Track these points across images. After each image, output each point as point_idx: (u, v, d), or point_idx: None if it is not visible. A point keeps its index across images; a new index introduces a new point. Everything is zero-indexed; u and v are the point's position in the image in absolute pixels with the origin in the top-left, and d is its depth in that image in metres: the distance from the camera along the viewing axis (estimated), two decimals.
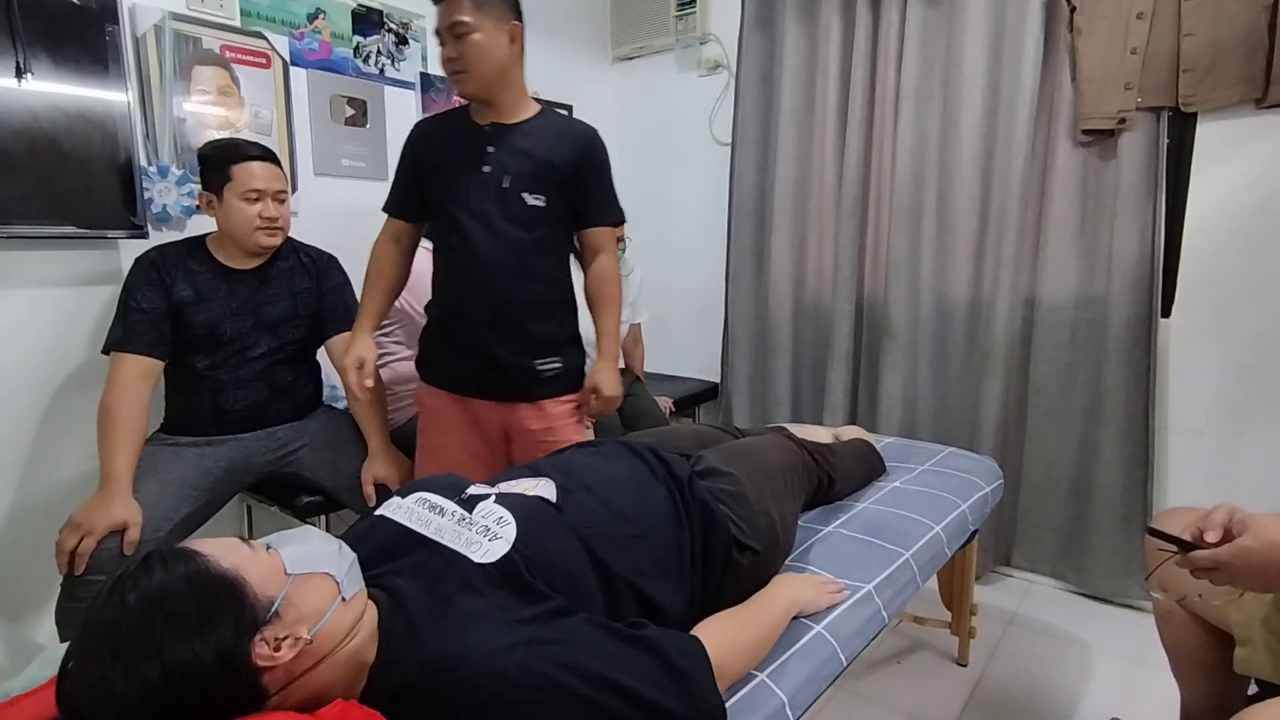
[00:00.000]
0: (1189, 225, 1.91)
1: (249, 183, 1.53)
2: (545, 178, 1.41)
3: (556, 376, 1.49)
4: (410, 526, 0.85)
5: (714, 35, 2.78)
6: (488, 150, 1.42)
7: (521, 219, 1.41)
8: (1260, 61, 1.71)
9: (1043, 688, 1.69)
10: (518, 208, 1.40)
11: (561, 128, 1.48)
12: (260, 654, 0.63)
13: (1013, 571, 2.25)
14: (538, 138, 1.42)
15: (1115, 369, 1.97)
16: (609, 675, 0.70)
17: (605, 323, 1.51)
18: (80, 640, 0.61)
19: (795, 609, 1.03)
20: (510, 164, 1.40)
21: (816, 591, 1.08)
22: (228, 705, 0.62)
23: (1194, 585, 0.95)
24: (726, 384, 2.77)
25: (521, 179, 1.40)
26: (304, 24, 2.07)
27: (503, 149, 1.41)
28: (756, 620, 0.96)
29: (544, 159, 1.40)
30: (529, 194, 1.40)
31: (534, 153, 1.41)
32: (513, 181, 1.40)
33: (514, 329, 1.45)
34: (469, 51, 1.33)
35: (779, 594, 1.04)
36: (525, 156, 1.41)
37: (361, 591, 0.74)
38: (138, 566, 0.64)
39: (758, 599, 1.02)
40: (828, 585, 1.10)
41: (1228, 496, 0.93)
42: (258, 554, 0.69)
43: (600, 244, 1.51)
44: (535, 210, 1.41)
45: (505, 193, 1.40)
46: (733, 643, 0.88)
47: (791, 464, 1.34)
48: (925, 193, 2.22)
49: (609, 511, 0.96)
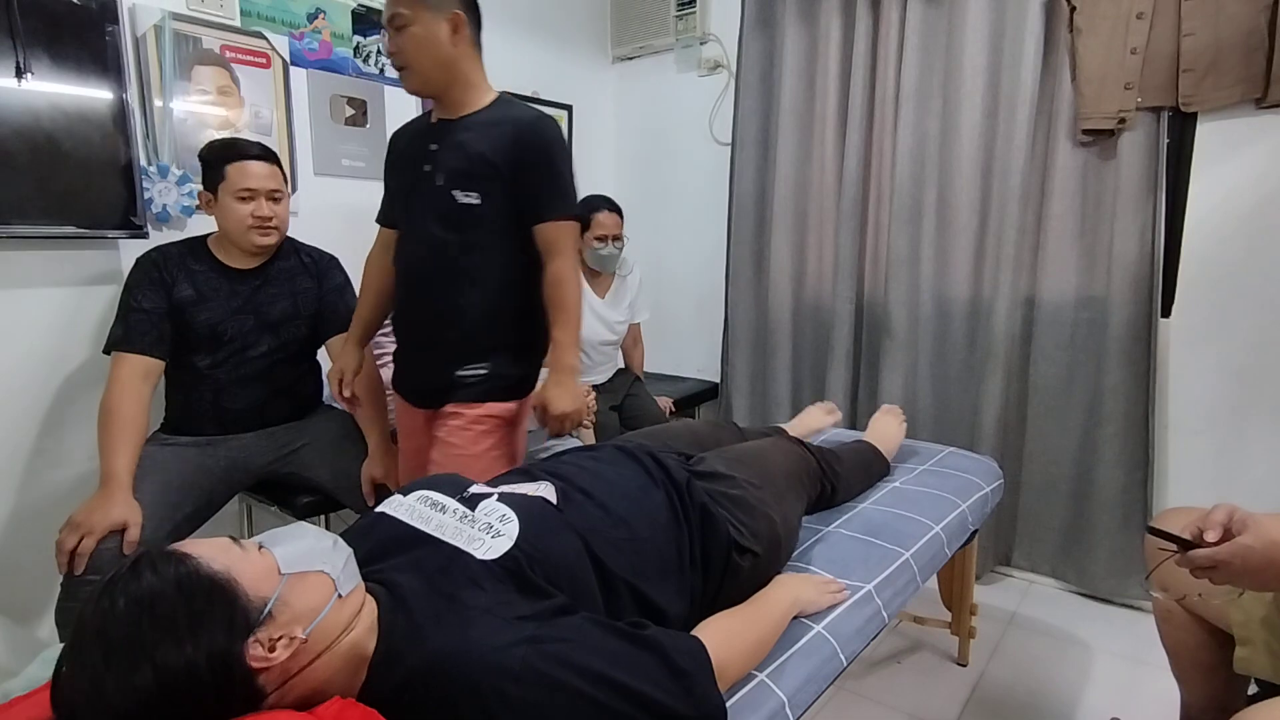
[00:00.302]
0: (1189, 225, 1.91)
1: (242, 182, 1.52)
2: (478, 174, 1.31)
3: (475, 383, 1.38)
4: (411, 523, 0.85)
5: (714, 35, 2.78)
6: (430, 149, 1.35)
7: (451, 219, 1.33)
8: (1260, 61, 1.71)
9: (1043, 688, 1.69)
10: (448, 207, 1.32)
11: (500, 117, 1.35)
12: (254, 655, 0.62)
13: (1013, 571, 2.25)
14: (477, 131, 1.33)
15: (1115, 369, 1.97)
16: (610, 674, 0.70)
17: (558, 333, 1.36)
18: (72, 645, 0.61)
19: (796, 609, 1.03)
20: (446, 161, 1.33)
21: (817, 591, 1.08)
22: (224, 707, 0.61)
23: (1194, 585, 0.95)
24: (726, 384, 2.77)
25: (454, 176, 1.32)
26: (304, 24, 2.07)
27: (444, 146, 1.34)
28: (757, 621, 0.97)
29: (478, 153, 1.31)
30: (460, 191, 1.31)
31: (470, 147, 1.32)
32: (445, 179, 1.33)
33: (435, 335, 1.39)
34: (406, 45, 1.26)
35: (780, 595, 1.04)
36: (460, 151, 1.32)
37: (359, 586, 0.74)
38: (127, 570, 0.63)
39: (758, 599, 1.02)
40: (828, 585, 1.10)
41: (1228, 496, 0.93)
42: (250, 554, 0.68)
43: (551, 243, 1.35)
44: (467, 209, 1.32)
45: (438, 191, 1.33)
46: (733, 643, 0.89)
47: (795, 468, 1.34)
48: (925, 193, 2.22)
49: (608, 516, 0.96)
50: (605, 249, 2.28)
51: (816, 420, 1.87)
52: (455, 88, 1.34)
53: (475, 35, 1.35)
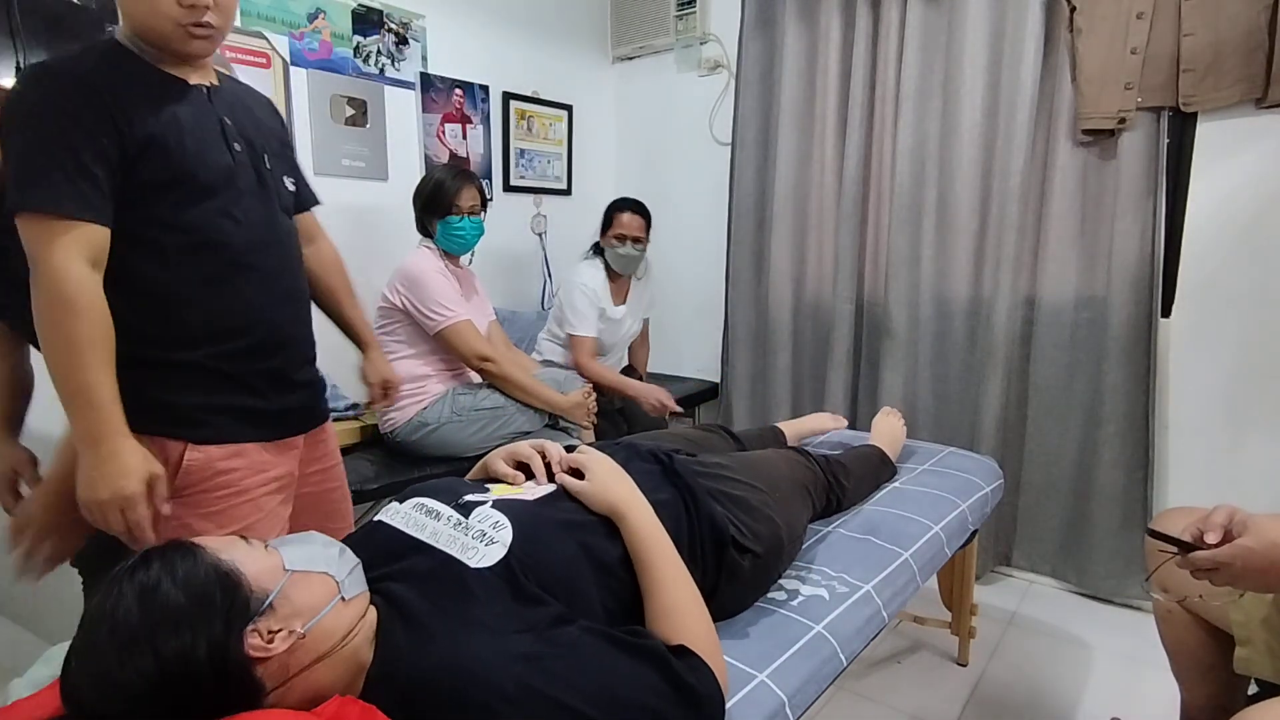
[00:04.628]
0: (1189, 225, 1.91)
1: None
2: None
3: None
4: (407, 532, 0.85)
5: (714, 35, 2.78)
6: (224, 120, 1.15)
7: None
8: (1260, 61, 1.71)
9: (1043, 688, 1.69)
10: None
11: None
12: (252, 644, 0.64)
13: (1013, 571, 2.25)
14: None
15: (1115, 369, 1.97)
16: (608, 690, 0.70)
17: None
18: (82, 633, 0.63)
19: (638, 507, 0.93)
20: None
21: (629, 490, 0.96)
22: (223, 697, 0.63)
23: (1194, 586, 0.95)
24: (726, 384, 2.77)
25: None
26: (304, 24, 2.07)
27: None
28: (680, 584, 0.88)
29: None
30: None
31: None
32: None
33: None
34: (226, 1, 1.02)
35: (647, 540, 0.89)
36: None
37: (363, 595, 0.74)
38: (137, 561, 0.66)
39: (647, 566, 0.88)
40: (615, 473, 0.98)
41: (1228, 496, 0.93)
42: (256, 550, 0.70)
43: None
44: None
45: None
46: (702, 627, 0.85)
47: (801, 478, 1.33)
48: (925, 193, 2.22)
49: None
50: (624, 248, 2.32)
51: (821, 424, 1.87)
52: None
53: None
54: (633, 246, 2.34)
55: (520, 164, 2.79)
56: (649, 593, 0.87)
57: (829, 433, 1.92)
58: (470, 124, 2.59)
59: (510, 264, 2.79)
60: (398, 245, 2.05)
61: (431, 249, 1.97)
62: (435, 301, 1.87)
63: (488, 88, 2.62)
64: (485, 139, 2.65)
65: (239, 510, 1.08)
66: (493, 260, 2.64)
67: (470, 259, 2.10)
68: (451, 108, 2.51)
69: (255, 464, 1.10)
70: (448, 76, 2.48)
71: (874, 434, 1.73)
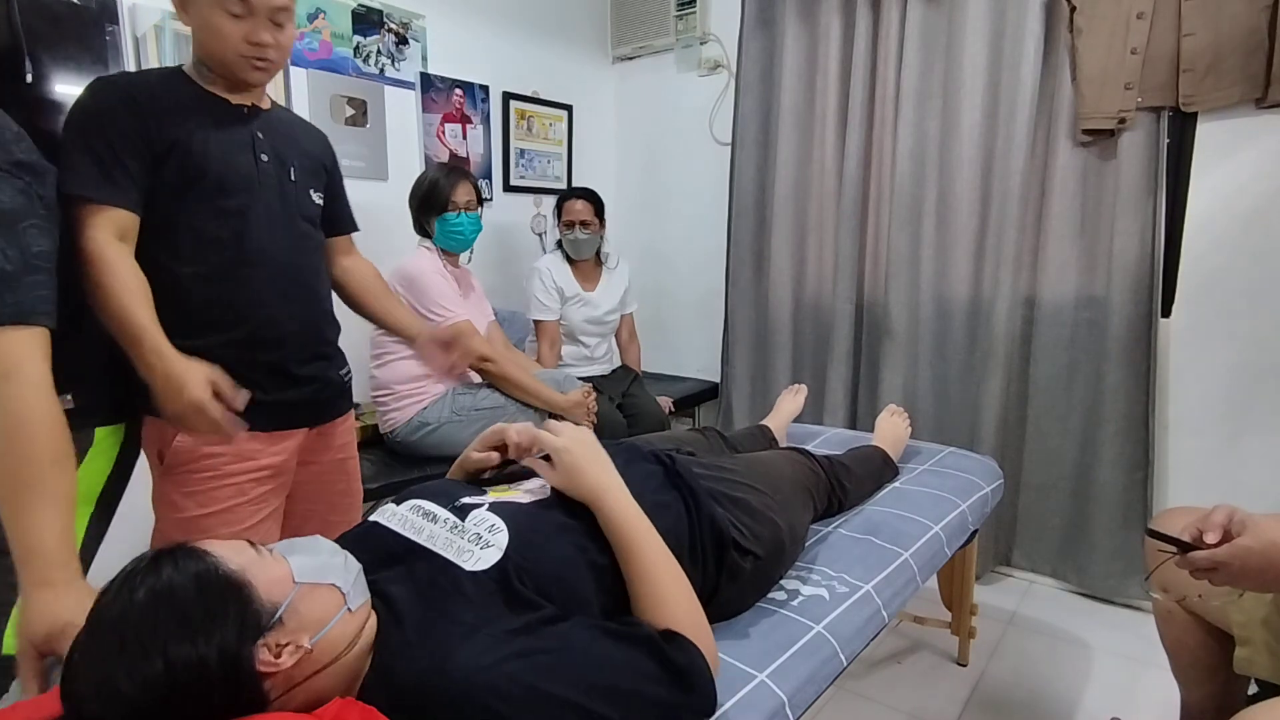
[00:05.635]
0: (1189, 225, 1.91)
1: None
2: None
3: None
4: (403, 534, 0.85)
5: (714, 35, 2.78)
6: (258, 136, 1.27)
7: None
8: (1260, 61, 1.71)
9: (1043, 688, 1.69)
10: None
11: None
12: (262, 659, 0.63)
13: (1013, 571, 2.25)
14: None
15: (1115, 369, 1.97)
16: (601, 679, 0.70)
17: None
18: (87, 635, 0.62)
19: (612, 491, 0.92)
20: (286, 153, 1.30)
21: (609, 475, 0.95)
22: (229, 707, 0.62)
23: (1194, 586, 0.96)
24: (726, 384, 2.77)
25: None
26: (304, 24, 2.07)
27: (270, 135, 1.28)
28: (662, 567, 0.87)
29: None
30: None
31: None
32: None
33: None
34: (286, 41, 1.13)
35: (632, 531, 0.88)
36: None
37: (366, 602, 0.74)
38: (148, 564, 0.64)
39: (626, 552, 0.87)
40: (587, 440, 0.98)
41: (1228, 496, 0.93)
42: (265, 559, 0.69)
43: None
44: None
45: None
46: (688, 609, 0.84)
47: (804, 480, 1.33)
48: (925, 193, 2.22)
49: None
50: (572, 234, 2.40)
51: (790, 405, 1.92)
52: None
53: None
54: (580, 230, 2.40)
55: (520, 164, 2.79)
56: (631, 579, 0.86)
57: (825, 434, 1.92)
58: (470, 124, 2.59)
59: (510, 264, 2.79)
60: (397, 245, 2.05)
61: (430, 249, 1.98)
62: (434, 302, 1.88)
63: (488, 88, 2.62)
64: (485, 139, 2.65)
65: (220, 493, 1.16)
66: (493, 260, 2.65)
67: (469, 258, 2.10)
68: (451, 108, 2.52)
69: (242, 451, 1.16)
70: (448, 76, 2.48)
71: (877, 434, 1.73)
